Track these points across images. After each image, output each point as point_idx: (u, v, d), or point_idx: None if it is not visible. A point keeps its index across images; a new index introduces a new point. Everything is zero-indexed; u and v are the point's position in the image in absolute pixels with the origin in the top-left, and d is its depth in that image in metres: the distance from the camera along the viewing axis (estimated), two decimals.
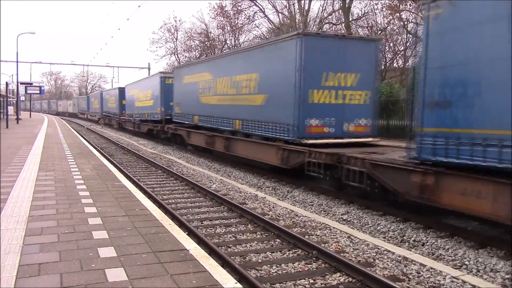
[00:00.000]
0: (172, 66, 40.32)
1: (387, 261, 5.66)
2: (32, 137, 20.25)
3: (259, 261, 5.64)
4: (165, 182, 11.71)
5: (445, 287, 4.92)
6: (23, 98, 49.17)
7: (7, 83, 40.73)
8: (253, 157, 12.99)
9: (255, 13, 32.54)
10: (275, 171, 12.22)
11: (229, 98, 14.44)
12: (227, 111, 14.66)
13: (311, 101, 10.52)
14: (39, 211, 5.93)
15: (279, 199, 9.70)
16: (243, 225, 7.42)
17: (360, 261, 5.67)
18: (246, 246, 6.29)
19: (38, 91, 38.43)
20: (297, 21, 29.62)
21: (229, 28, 36.20)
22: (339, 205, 9.08)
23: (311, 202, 9.48)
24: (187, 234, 5.46)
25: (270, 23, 33.47)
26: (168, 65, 43.97)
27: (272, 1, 31.13)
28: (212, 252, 5.58)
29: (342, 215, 8.36)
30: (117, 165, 13.69)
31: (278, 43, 11.79)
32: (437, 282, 5.02)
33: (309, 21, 30.08)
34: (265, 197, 9.64)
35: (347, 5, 25.74)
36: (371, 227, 7.61)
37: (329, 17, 29.71)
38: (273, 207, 8.74)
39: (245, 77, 13.22)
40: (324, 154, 9.61)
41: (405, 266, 5.50)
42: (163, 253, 4.37)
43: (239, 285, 3.71)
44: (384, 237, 7.05)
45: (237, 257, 5.72)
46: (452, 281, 5.01)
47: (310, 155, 10.05)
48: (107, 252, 4.35)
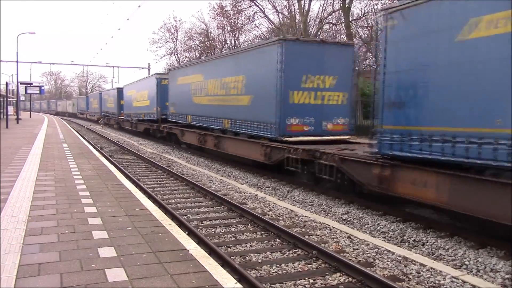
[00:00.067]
0: (172, 66, 40.30)
1: (387, 261, 5.66)
2: (32, 137, 20.25)
3: (259, 261, 5.65)
4: (165, 182, 11.71)
5: (445, 287, 4.92)
6: (23, 98, 49.11)
7: (7, 83, 40.73)
8: (240, 154, 13.85)
9: (255, 13, 32.53)
10: (259, 166, 13.05)
11: (219, 98, 15.22)
12: (217, 111, 15.46)
13: (291, 101, 11.27)
14: (39, 211, 5.93)
15: (279, 199, 9.70)
16: (243, 225, 7.42)
17: (360, 261, 5.67)
18: (246, 246, 6.29)
19: (38, 91, 38.43)
20: (297, 21, 29.60)
21: (229, 28, 36.19)
22: (339, 205, 9.08)
23: (311, 202, 9.48)
24: (187, 234, 5.46)
25: (270, 23, 33.48)
26: (168, 65, 43.98)
27: (272, 1, 31.13)
28: (212, 252, 5.58)
29: (342, 215, 8.36)
30: (117, 165, 13.69)
31: (262, 47, 12.67)
32: (437, 282, 5.02)
33: (309, 21, 30.07)
34: (265, 197, 9.65)
35: (347, 5, 25.72)
36: (371, 227, 7.61)
37: (329, 17, 29.71)
38: (273, 207, 8.74)
39: (233, 79, 14.02)
40: (301, 150, 10.45)
41: (405, 266, 5.51)
42: (163, 253, 4.37)
43: (239, 285, 3.72)
44: (384, 237, 7.05)
45: (237, 257, 5.72)
46: (452, 281, 5.01)
47: (289, 151, 10.86)
48: (107, 252, 4.35)
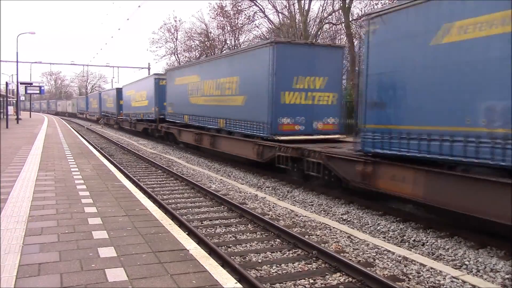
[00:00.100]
0: (171, 66, 40.30)
1: (387, 261, 5.66)
2: (32, 137, 20.25)
3: (259, 261, 5.64)
4: (165, 182, 11.71)
5: (445, 287, 4.92)
6: (23, 98, 49.09)
7: (7, 83, 40.72)
8: (234, 153, 14.31)
9: (255, 13, 32.51)
10: (252, 164, 13.49)
11: (215, 99, 15.60)
12: (212, 111, 15.85)
13: (283, 101, 11.69)
14: (39, 211, 5.93)
15: (279, 199, 9.70)
16: (243, 225, 7.42)
17: (360, 261, 5.67)
18: (246, 246, 6.29)
19: (38, 91, 38.45)
20: (297, 21, 29.59)
21: (229, 28, 36.17)
22: (339, 205, 9.08)
23: (311, 202, 9.48)
24: (187, 234, 5.46)
25: (270, 23, 33.46)
26: (168, 65, 43.94)
27: (272, 1, 31.11)
28: (212, 252, 5.58)
29: (342, 215, 8.36)
30: (117, 165, 13.69)
31: (254, 50, 13.10)
32: (437, 282, 5.02)
33: (309, 21, 30.06)
34: (265, 197, 9.64)
35: (347, 5, 25.70)
36: (371, 227, 7.61)
37: (329, 17, 29.69)
38: (273, 207, 8.74)
39: (228, 80, 14.42)
40: (290, 148, 10.90)
41: (405, 266, 5.51)
42: (163, 253, 4.37)
43: (239, 285, 3.71)
44: (384, 237, 7.05)
45: (237, 257, 5.72)
46: (452, 281, 5.01)
47: (280, 150, 11.32)
48: (107, 252, 4.35)
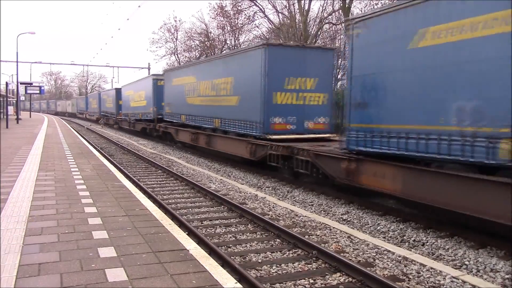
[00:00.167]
0: (170, 67, 40.29)
1: (387, 261, 5.66)
2: (32, 137, 20.25)
3: (259, 261, 5.64)
4: (165, 182, 11.71)
5: (445, 287, 4.92)
6: (23, 98, 49.06)
7: (7, 83, 40.70)
8: (229, 152, 14.71)
9: (255, 13, 32.44)
10: (246, 163, 13.93)
11: (210, 99, 16.03)
12: (208, 111, 16.28)
13: (275, 102, 12.11)
14: (39, 211, 5.93)
15: (279, 199, 9.70)
16: (243, 225, 7.42)
17: (360, 261, 5.67)
18: (246, 246, 6.29)
19: (38, 91, 38.43)
20: (297, 21, 29.56)
21: (229, 28, 36.13)
22: (339, 205, 9.08)
23: (311, 202, 9.48)
24: (187, 234, 5.46)
25: (270, 23, 33.40)
26: (168, 65, 43.82)
27: (272, 1, 31.05)
28: (212, 252, 5.58)
29: (342, 215, 8.36)
30: (117, 165, 13.69)
31: (248, 52, 13.57)
32: (437, 282, 5.02)
33: (309, 21, 30.03)
34: (265, 197, 9.64)
35: (347, 5, 25.69)
36: (371, 227, 7.61)
37: (329, 17, 29.68)
38: (273, 207, 8.74)
39: (223, 81, 14.85)
40: (281, 147, 11.34)
41: (405, 266, 5.50)
42: (163, 253, 4.37)
43: (239, 285, 3.71)
44: (384, 237, 7.05)
45: (237, 257, 5.72)
46: (452, 281, 5.01)
47: (271, 148, 11.71)
48: (107, 252, 4.35)
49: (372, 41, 8.07)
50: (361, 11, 28.69)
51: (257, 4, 31.61)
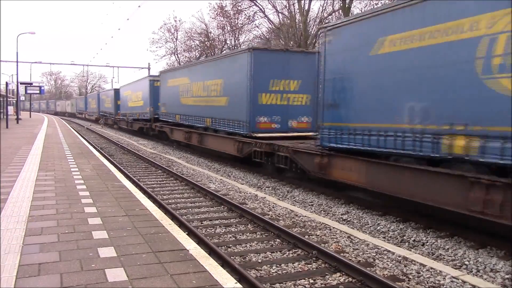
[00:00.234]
0: (172, 66, 40.29)
1: (387, 261, 5.66)
2: (32, 137, 20.25)
3: (259, 261, 5.64)
4: (165, 182, 11.71)
5: (445, 287, 4.92)
6: (23, 98, 49.03)
7: (7, 83, 40.68)
8: (219, 149, 15.52)
9: (255, 13, 32.45)
10: (234, 159, 14.86)
11: (202, 99, 16.72)
12: (200, 111, 16.99)
13: (260, 102, 12.84)
14: (39, 211, 5.93)
15: (279, 199, 9.70)
16: (243, 225, 7.42)
17: (360, 261, 5.67)
18: (246, 246, 6.29)
19: (38, 91, 38.41)
20: (297, 21, 29.57)
21: (229, 28, 36.14)
22: (339, 205, 9.08)
23: (311, 202, 9.48)
24: (187, 234, 5.46)
25: (270, 23, 33.41)
26: (168, 65, 43.87)
27: (272, 1, 31.04)
28: (212, 252, 5.58)
29: (342, 215, 8.36)
30: (117, 165, 13.69)
31: (235, 55, 14.33)
32: (437, 282, 5.02)
33: (309, 21, 30.03)
34: (265, 197, 9.64)
35: (347, 5, 25.69)
36: (371, 227, 7.61)
37: (329, 17, 29.66)
38: (273, 207, 8.74)
39: (213, 82, 15.60)
40: (264, 144, 12.09)
41: (405, 266, 5.51)
42: (163, 253, 4.37)
43: (239, 285, 3.71)
44: (384, 237, 7.05)
45: (237, 257, 5.72)
46: (452, 281, 5.01)
47: (255, 145, 12.48)
48: (107, 252, 4.35)
49: (341, 47, 8.84)
50: (361, 11, 28.73)
51: (257, 4, 31.64)
